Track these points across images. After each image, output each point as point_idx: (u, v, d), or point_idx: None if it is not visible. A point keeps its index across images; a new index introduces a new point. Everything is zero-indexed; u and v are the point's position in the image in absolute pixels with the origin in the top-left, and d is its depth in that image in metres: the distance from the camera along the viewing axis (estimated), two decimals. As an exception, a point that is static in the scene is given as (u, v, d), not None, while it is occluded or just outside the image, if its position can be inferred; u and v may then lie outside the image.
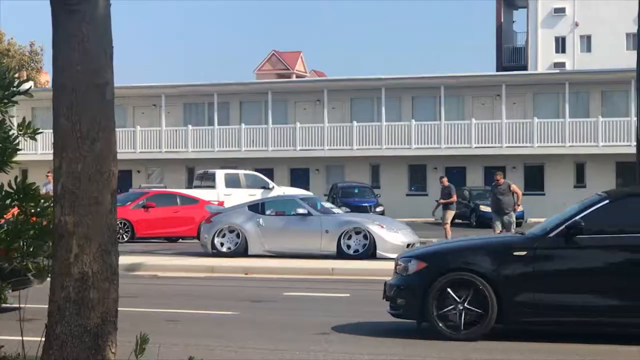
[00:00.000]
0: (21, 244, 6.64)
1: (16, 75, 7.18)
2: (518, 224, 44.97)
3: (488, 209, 32.42)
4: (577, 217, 12.02)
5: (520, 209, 45.91)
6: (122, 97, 58.17)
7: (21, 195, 6.53)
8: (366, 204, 45.27)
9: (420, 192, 54.24)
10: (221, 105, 57.23)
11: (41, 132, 6.73)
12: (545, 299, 11.84)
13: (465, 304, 11.94)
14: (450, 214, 30.65)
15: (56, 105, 5.97)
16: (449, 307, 12.00)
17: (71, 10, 5.77)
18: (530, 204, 49.43)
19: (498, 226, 27.15)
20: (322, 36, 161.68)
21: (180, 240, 33.73)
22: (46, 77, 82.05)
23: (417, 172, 55.37)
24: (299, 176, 56.11)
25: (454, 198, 30.97)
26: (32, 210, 6.56)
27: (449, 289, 12.00)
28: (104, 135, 5.90)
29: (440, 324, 11.99)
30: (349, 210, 38.81)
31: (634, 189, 20.58)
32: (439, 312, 12.00)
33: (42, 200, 6.57)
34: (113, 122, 6.03)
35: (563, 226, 12.00)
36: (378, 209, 44.88)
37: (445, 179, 31.87)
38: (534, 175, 53.67)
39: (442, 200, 30.84)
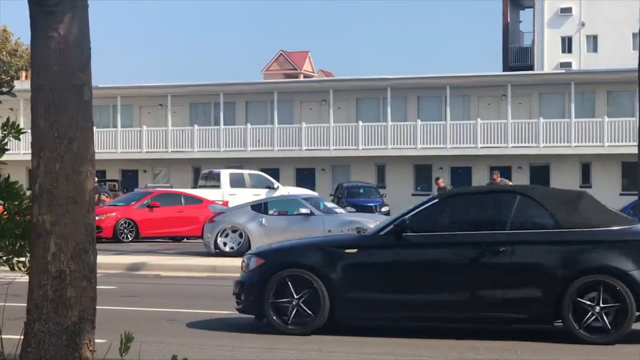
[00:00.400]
0: (7, 242, 6.71)
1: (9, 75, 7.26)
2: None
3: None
4: (406, 216, 12.42)
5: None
6: (129, 97, 58.48)
7: (5, 194, 6.61)
8: (371, 204, 45.29)
9: (426, 192, 54.09)
10: (227, 105, 57.32)
11: (25, 132, 6.79)
12: (374, 295, 12.25)
13: (299, 300, 12.32)
14: None
15: (34, 106, 6.04)
16: (283, 302, 12.40)
17: (48, 11, 5.84)
18: (536, 204, 49.42)
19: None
20: (330, 36, 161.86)
21: (185, 240, 33.84)
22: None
23: (422, 172, 55.40)
24: (305, 176, 56.19)
25: None
26: (16, 209, 6.64)
27: (283, 285, 12.42)
28: (81, 135, 5.97)
29: (275, 318, 12.39)
30: (354, 210, 38.88)
31: (459, 189, 21.02)
32: (274, 306, 12.42)
33: (26, 200, 6.64)
34: (91, 122, 6.11)
35: (392, 225, 12.39)
36: (383, 209, 44.90)
37: (441, 180, 31.90)
38: (540, 175, 53.62)
39: None
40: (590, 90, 53.65)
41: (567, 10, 75.34)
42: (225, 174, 42.88)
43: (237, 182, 42.47)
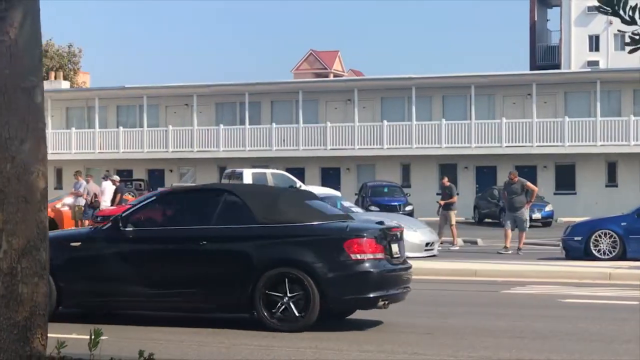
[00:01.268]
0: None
1: None
2: (547, 223, 44.93)
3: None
4: (126, 212, 13.31)
5: (549, 208, 45.85)
6: (155, 97, 58.84)
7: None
8: (395, 203, 45.28)
9: (450, 191, 54.03)
10: (252, 105, 57.49)
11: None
12: (93, 285, 13.03)
13: None
14: (453, 215, 30.48)
15: None
16: None
17: (-2, 16, 5.98)
18: (562, 204, 49.32)
19: (508, 224, 27.11)
20: (360, 35, 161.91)
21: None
22: (83, 78, 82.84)
23: (447, 171, 55.07)
24: (330, 175, 56.27)
25: (455, 199, 30.93)
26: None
27: None
28: (33, 136, 6.12)
29: None
30: (377, 209, 38.86)
31: (176, 187, 21.53)
32: None
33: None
34: (43, 124, 6.26)
35: (111, 220, 13.26)
36: (407, 208, 44.84)
37: (446, 179, 31.86)
38: (565, 174, 53.42)
39: (442, 202, 30.81)
40: (616, 88, 53.32)
41: (594, 9, 74.84)
42: (247, 174, 42.98)
43: (259, 181, 42.50)
